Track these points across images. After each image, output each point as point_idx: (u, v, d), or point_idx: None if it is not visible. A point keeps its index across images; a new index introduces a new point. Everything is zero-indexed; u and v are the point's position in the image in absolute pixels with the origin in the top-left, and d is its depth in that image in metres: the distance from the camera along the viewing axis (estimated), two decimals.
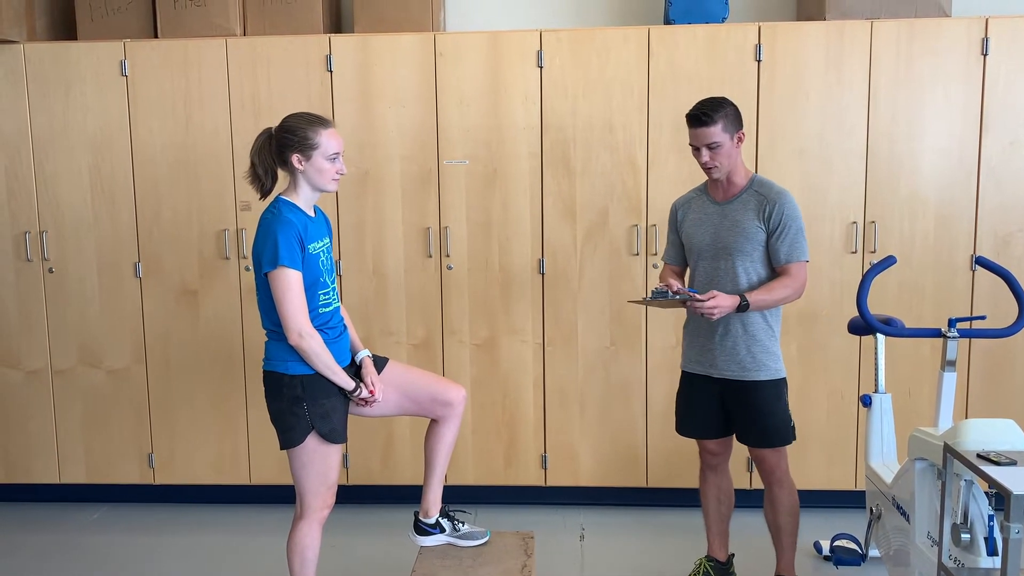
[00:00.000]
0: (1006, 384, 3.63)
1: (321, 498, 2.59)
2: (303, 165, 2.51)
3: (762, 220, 2.76)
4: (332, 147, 2.52)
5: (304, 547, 2.61)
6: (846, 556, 3.18)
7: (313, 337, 2.46)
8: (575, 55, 3.57)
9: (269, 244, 2.44)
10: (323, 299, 2.57)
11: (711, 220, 2.84)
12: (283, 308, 2.45)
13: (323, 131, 2.51)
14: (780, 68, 3.52)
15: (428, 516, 2.87)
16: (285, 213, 2.50)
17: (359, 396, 2.58)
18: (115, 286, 3.77)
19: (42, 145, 3.72)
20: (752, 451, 2.89)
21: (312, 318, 2.51)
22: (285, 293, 2.44)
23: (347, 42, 3.62)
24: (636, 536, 3.60)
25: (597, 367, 3.73)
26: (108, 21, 3.71)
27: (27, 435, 3.89)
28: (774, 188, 2.80)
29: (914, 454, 2.68)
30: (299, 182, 2.54)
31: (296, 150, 2.49)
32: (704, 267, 2.85)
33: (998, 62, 3.47)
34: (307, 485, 2.58)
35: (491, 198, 3.66)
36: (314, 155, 2.50)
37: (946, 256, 3.58)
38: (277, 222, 2.46)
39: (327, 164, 2.52)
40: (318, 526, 2.62)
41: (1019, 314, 2.76)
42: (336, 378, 2.53)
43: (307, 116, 2.55)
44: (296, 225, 2.47)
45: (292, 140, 2.50)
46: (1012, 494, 1.93)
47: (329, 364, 2.50)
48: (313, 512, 2.60)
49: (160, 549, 3.57)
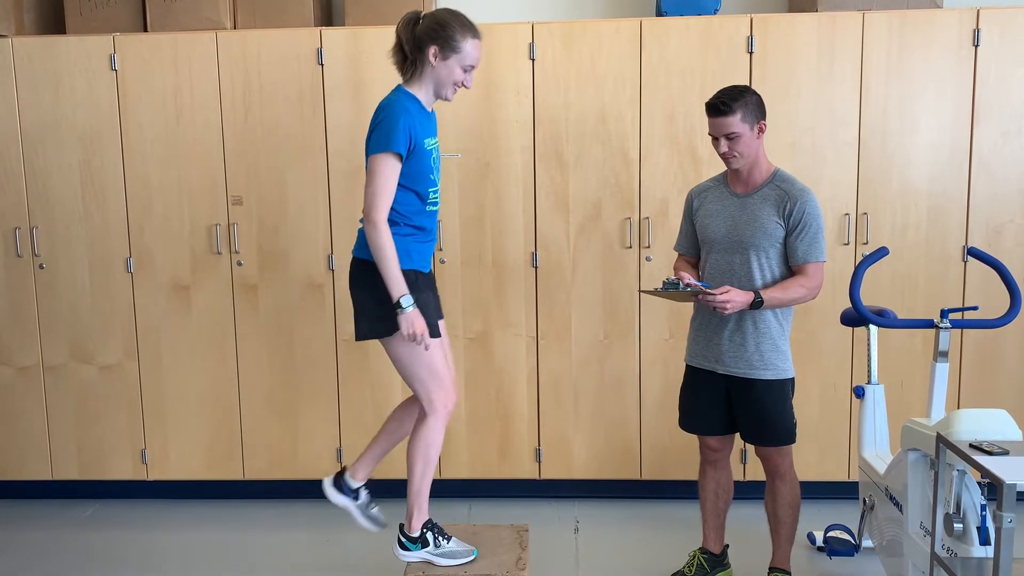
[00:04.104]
0: (998, 374, 3.64)
1: (441, 390, 2.56)
2: (436, 61, 2.46)
3: (782, 216, 2.72)
4: (471, 58, 2.48)
5: (429, 444, 2.58)
6: (840, 547, 3.20)
7: (385, 234, 2.41)
8: (567, 47, 3.56)
9: (384, 126, 2.40)
10: (432, 196, 2.55)
11: (728, 212, 2.80)
12: (371, 190, 2.41)
13: (471, 39, 2.48)
14: (772, 60, 3.52)
15: (355, 478, 2.82)
16: (405, 102, 2.46)
17: (404, 314, 2.44)
18: (106, 282, 3.76)
19: (31, 140, 3.70)
20: (758, 451, 2.88)
21: (415, 212, 2.49)
22: (378, 178, 2.41)
23: (338, 35, 3.60)
24: (630, 528, 3.61)
25: (591, 360, 3.73)
26: (97, 15, 3.69)
27: (19, 432, 3.87)
28: (796, 184, 2.75)
29: (907, 445, 2.69)
30: (425, 76, 2.50)
31: (437, 43, 2.45)
32: (717, 259, 2.81)
33: (989, 53, 3.48)
34: (421, 379, 2.54)
35: (484, 191, 3.65)
36: (452, 57, 2.46)
37: (938, 247, 3.58)
38: (398, 108, 2.42)
39: (459, 71, 2.48)
40: (443, 423, 2.59)
41: (1011, 304, 2.77)
42: (391, 279, 2.43)
43: (462, 18, 2.50)
44: (415, 116, 2.43)
45: (439, 33, 2.45)
46: (1004, 483, 1.94)
47: (391, 263, 2.42)
48: (437, 407, 2.57)
49: (154, 545, 3.56)
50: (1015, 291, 2.77)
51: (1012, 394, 3.63)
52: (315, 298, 3.72)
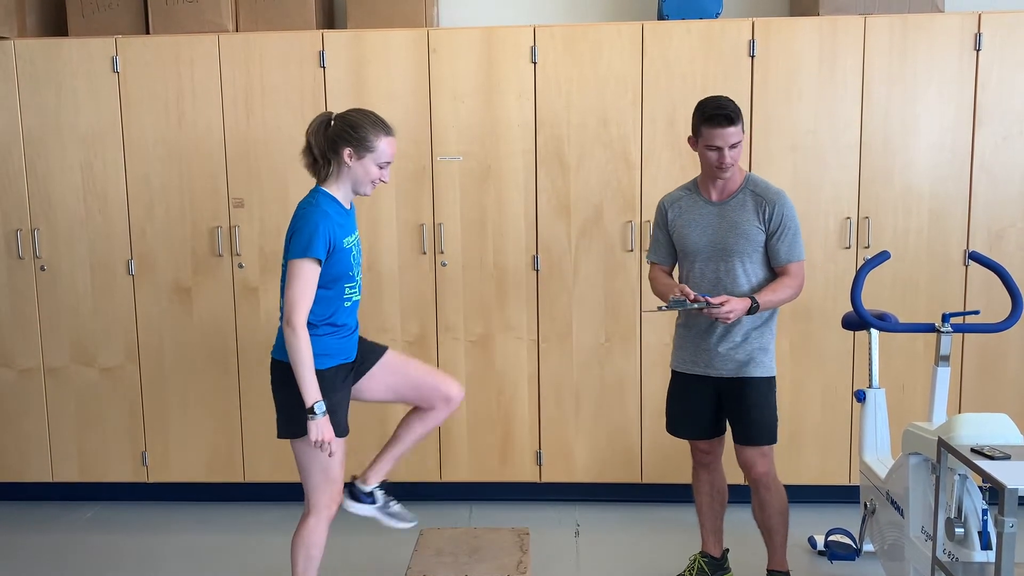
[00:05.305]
0: (999, 378, 3.64)
1: (327, 494, 2.58)
2: (352, 162, 2.49)
3: (761, 221, 2.75)
4: (386, 155, 2.53)
5: (310, 544, 2.60)
6: (840, 551, 3.19)
7: (304, 339, 2.44)
8: (569, 51, 3.56)
9: (305, 233, 2.42)
10: (348, 291, 2.57)
11: (707, 221, 2.81)
12: (291, 295, 2.43)
13: (384, 137, 2.52)
14: (774, 64, 3.52)
15: (367, 483, 2.83)
16: (324, 206, 2.49)
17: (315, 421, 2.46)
18: (108, 284, 3.76)
19: (33, 142, 3.70)
20: (740, 456, 2.87)
21: (333, 311, 2.52)
22: (298, 283, 2.43)
23: (340, 38, 3.60)
24: (631, 532, 3.61)
25: (592, 363, 3.72)
26: (99, 17, 3.69)
27: (20, 434, 3.87)
28: (771, 188, 2.79)
29: (908, 449, 2.69)
30: (342, 176, 2.53)
31: (351, 145, 2.48)
32: (701, 269, 2.82)
33: (991, 57, 3.48)
34: (313, 480, 2.57)
35: (485, 194, 3.65)
36: (367, 156, 2.50)
37: (940, 251, 3.58)
38: (317, 213, 2.45)
39: (375, 169, 2.52)
40: (325, 523, 2.61)
41: (1012, 309, 2.77)
42: (305, 384, 2.45)
43: (373, 117, 2.54)
44: (333, 219, 2.47)
45: (351, 136, 2.48)
46: (1006, 488, 1.93)
47: (306, 369, 2.44)
48: (320, 509, 2.59)
49: (154, 547, 3.56)
50: (1016, 295, 2.77)
51: (1013, 398, 3.62)
52: None
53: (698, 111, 2.74)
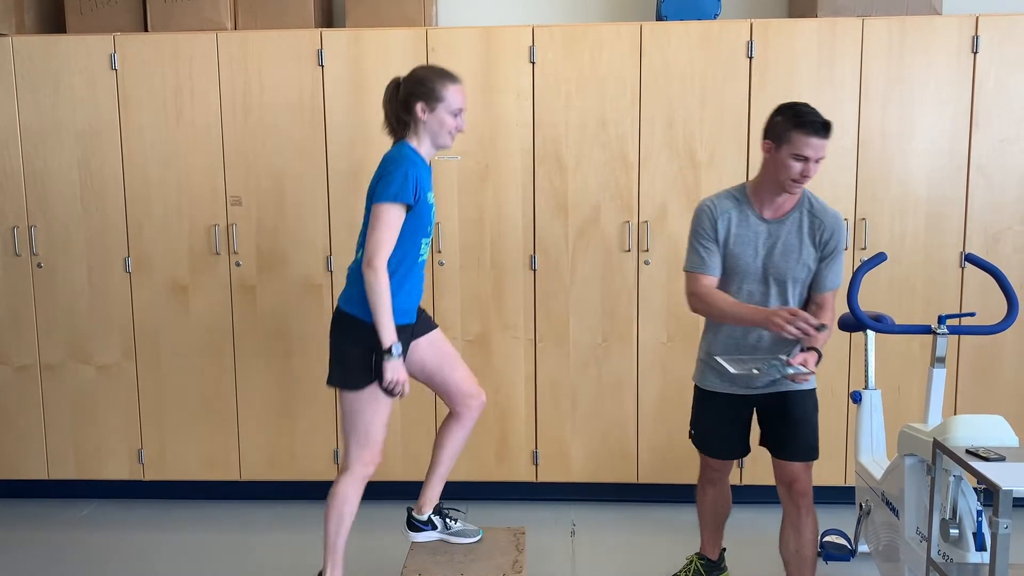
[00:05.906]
0: (995, 380, 3.65)
1: (367, 453, 2.59)
2: (425, 115, 2.56)
3: (815, 245, 2.60)
4: (457, 102, 2.58)
5: (343, 500, 2.61)
6: (836, 552, 3.19)
7: (383, 281, 2.46)
8: (568, 51, 3.56)
9: (397, 177, 2.47)
10: (423, 247, 2.62)
11: (760, 240, 2.62)
12: (375, 238, 2.47)
13: (451, 85, 2.58)
14: (772, 65, 3.52)
15: (422, 512, 2.86)
16: (412, 155, 2.55)
17: (391, 361, 2.48)
18: (105, 281, 3.75)
19: (31, 139, 3.70)
20: (786, 472, 2.69)
21: (409, 265, 2.56)
22: (385, 227, 2.47)
23: (339, 36, 3.60)
24: (627, 532, 3.61)
25: (589, 363, 3.73)
26: (97, 14, 3.68)
27: (16, 431, 3.87)
28: (828, 210, 2.63)
29: (904, 450, 2.70)
30: (420, 132, 2.59)
31: (422, 99, 2.55)
32: (749, 291, 2.64)
33: (988, 60, 3.48)
34: (354, 436, 2.59)
35: (483, 194, 3.65)
36: (438, 107, 2.55)
37: (936, 253, 3.59)
38: (408, 160, 2.51)
39: (449, 118, 2.57)
40: (360, 483, 2.62)
41: (1008, 311, 2.77)
42: (383, 325, 2.47)
43: (437, 69, 2.61)
44: (420, 169, 2.52)
45: (419, 89, 2.55)
46: (1001, 489, 1.94)
47: (387, 309, 2.47)
48: (356, 467, 2.60)
49: (150, 545, 3.56)
50: (1012, 298, 2.78)
51: (1009, 400, 3.63)
52: (313, 299, 3.71)
53: (788, 114, 2.50)
